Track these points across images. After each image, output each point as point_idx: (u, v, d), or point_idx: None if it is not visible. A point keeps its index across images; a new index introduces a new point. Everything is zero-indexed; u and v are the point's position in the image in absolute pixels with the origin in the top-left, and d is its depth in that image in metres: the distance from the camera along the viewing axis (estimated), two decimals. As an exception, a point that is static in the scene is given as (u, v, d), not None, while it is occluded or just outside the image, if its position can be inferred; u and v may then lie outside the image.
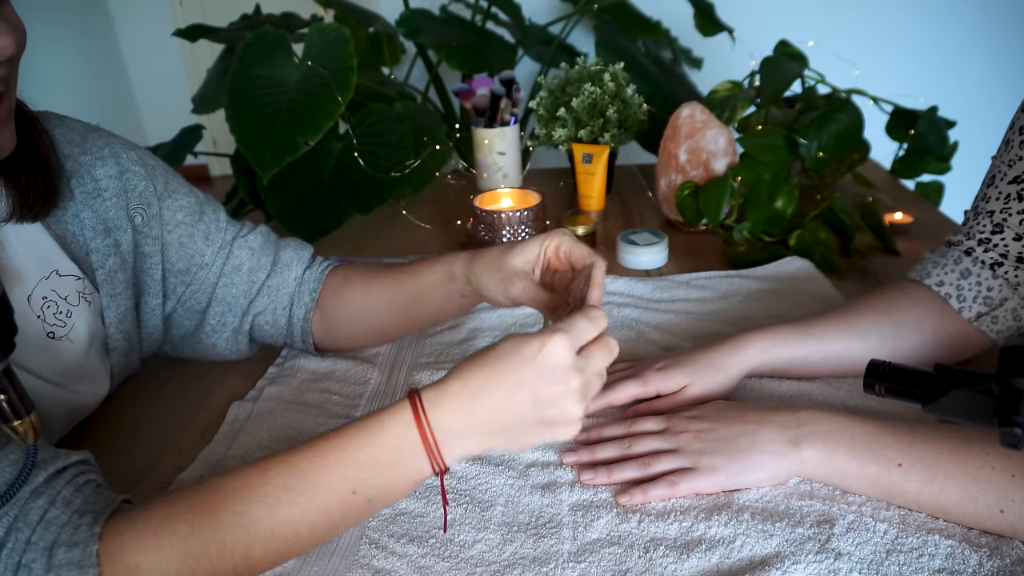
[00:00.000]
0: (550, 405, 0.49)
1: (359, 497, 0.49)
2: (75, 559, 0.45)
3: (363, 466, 0.49)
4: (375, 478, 0.49)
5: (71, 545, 0.45)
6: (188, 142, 1.50)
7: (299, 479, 0.48)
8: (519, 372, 0.48)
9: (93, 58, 3.89)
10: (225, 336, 0.77)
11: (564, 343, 0.49)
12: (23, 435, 0.46)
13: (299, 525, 0.48)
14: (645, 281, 0.97)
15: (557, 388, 0.49)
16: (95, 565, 0.45)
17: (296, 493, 0.48)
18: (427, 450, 0.48)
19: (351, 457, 0.49)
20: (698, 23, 1.72)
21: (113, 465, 0.68)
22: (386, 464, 0.49)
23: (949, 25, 2.06)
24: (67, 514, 0.47)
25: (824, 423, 0.60)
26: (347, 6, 1.60)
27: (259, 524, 0.47)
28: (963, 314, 0.69)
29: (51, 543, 0.46)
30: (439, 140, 1.26)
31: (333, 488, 0.49)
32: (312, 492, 0.48)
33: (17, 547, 0.45)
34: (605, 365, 0.52)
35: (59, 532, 0.46)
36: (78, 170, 0.66)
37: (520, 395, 0.48)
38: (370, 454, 0.49)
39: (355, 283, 0.78)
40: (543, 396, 0.48)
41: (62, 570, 0.45)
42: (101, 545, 0.46)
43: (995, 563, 0.51)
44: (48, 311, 0.64)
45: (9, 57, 0.51)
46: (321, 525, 0.49)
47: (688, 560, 0.54)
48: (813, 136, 1.10)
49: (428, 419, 0.48)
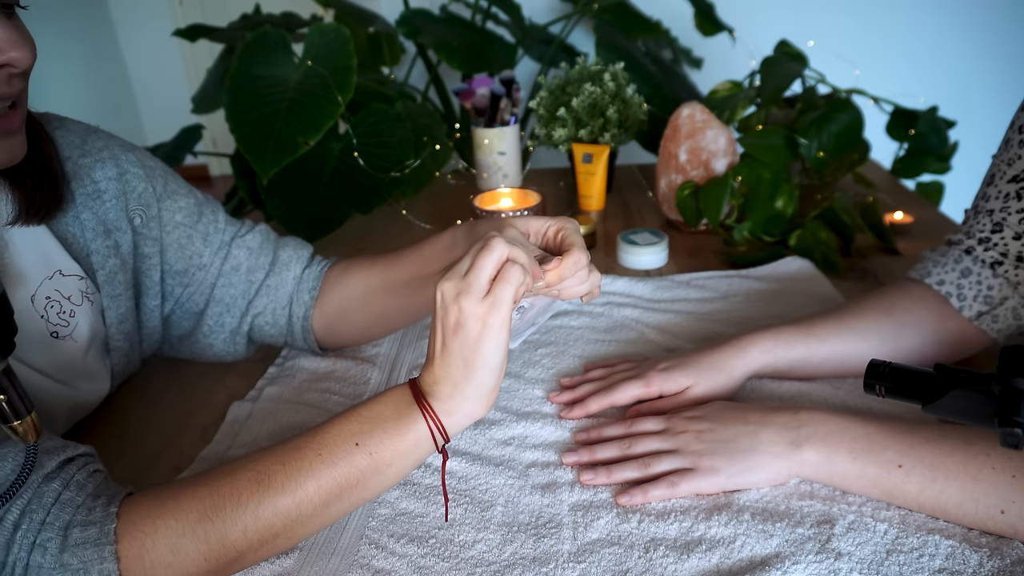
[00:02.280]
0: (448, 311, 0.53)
1: (361, 452, 0.53)
2: (91, 537, 0.47)
3: (366, 420, 0.54)
4: (376, 430, 0.53)
5: (86, 525, 0.47)
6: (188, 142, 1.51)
7: (309, 438, 0.53)
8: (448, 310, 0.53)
9: (93, 58, 3.89)
10: (223, 337, 0.77)
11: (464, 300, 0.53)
12: (23, 435, 0.46)
13: (308, 478, 0.51)
14: (645, 281, 0.97)
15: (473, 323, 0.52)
16: (112, 543, 0.47)
17: (306, 448, 0.53)
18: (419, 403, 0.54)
19: (356, 413, 0.54)
20: (698, 23, 1.72)
21: (114, 464, 0.67)
22: (387, 418, 0.54)
23: (949, 25, 2.06)
24: (81, 496, 0.49)
25: (824, 424, 0.60)
26: (347, 6, 1.60)
27: (272, 479, 0.51)
28: (963, 313, 0.69)
29: (66, 523, 0.47)
30: (439, 140, 1.26)
31: (339, 441, 0.53)
32: (321, 445, 0.53)
33: (32, 527, 0.46)
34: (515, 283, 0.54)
35: (74, 513, 0.48)
36: (78, 172, 0.66)
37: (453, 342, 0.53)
38: (371, 408, 0.54)
39: (356, 268, 0.78)
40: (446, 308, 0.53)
41: (77, 549, 0.46)
42: (118, 523, 0.48)
43: (995, 563, 0.51)
44: (51, 311, 0.64)
45: (24, 69, 0.52)
46: (329, 482, 0.52)
47: (688, 560, 0.54)
48: (813, 136, 1.10)
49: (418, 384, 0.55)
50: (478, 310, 0.51)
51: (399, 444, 0.53)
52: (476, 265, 0.52)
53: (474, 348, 0.52)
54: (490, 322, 0.52)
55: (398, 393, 0.55)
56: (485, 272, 0.52)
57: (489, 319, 0.52)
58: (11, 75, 0.51)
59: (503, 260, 0.53)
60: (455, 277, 0.52)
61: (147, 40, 4.03)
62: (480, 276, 0.52)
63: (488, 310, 0.52)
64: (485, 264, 0.52)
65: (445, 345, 0.53)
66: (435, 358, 0.54)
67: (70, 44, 3.64)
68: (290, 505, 0.51)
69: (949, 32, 2.06)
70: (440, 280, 0.53)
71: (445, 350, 0.53)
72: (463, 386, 0.53)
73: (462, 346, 0.52)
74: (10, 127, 0.53)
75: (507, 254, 0.53)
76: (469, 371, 0.53)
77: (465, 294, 0.52)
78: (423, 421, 0.53)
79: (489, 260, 0.52)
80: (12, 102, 0.53)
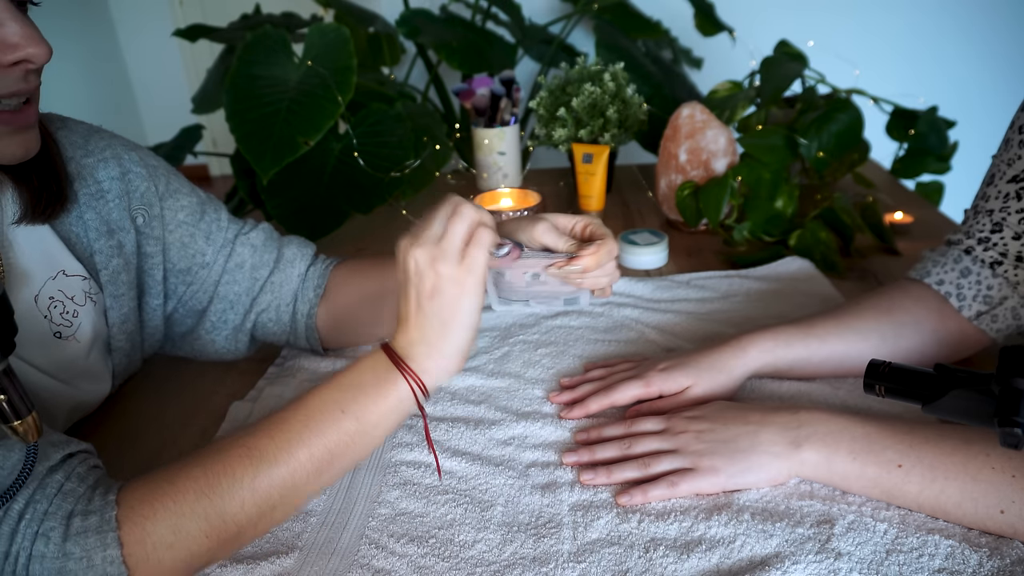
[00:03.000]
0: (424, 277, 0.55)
1: (348, 418, 0.55)
2: (92, 525, 0.47)
3: (346, 388, 0.56)
4: (359, 396, 0.55)
5: (87, 514, 0.48)
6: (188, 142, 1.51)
7: (295, 411, 0.55)
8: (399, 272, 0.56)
9: (93, 58, 3.89)
10: (225, 334, 0.77)
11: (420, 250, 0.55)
12: (24, 435, 0.46)
13: (299, 448, 0.53)
14: (645, 281, 0.97)
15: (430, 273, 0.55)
16: (114, 529, 0.48)
17: (293, 420, 0.55)
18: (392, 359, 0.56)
19: (337, 383, 0.56)
20: (698, 23, 1.72)
21: (114, 464, 0.67)
22: (366, 382, 0.56)
23: (949, 25, 2.06)
24: (82, 488, 0.49)
25: (824, 424, 0.60)
26: (347, 6, 1.60)
27: (263, 452, 0.53)
28: (963, 313, 0.69)
29: (68, 513, 0.48)
30: (439, 140, 1.26)
31: (324, 410, 0.55)
32: (307, 416, 0.55)
33: (35, 517, 0.47)
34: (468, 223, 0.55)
35: (76, 503, 0.48)
36: (81, 172, 0.66)
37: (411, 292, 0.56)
38: (350, 376, 0.56)
39: (364, 268, 0.79)
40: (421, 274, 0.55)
41: (79, 538, 0.47)
42: (119, 510, 0.49)
43: (995, 563, 0.51)
44: (55, 311, 0.64)
45: (41, 64, 0.53)
46: (319, 449, 0.54)
47: (688, 560, 0.54)
48: (813, 136, 1.10)
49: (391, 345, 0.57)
50: (456, 274, 0.54)
51: (382, 406, 0.56)
52: (450, 231, 0.55)
53: (452, 310, 0.55)
54: (467, 285, 0.55)
55: (374, 358, 0.57)
56: (459, 237, 0.55)
57: (467, 282, 0.55)
58: (28, 71, 0.52)
59: (475, 224, 0.55)
60: (428, 243, 0.55)
61: (147, 40, 4.03)
62: (455, 241, 0.55)
63: (465, 274, 0.55)
64: (458, 230, 0.55)
65: (421, 308, 0.55)
66: (409, 321, 0.56)
67: (70, 44, 3.64)
68: (284, 475, 0.53)
69: (949, 32, 2.06)
70: (411, 247, 0.55)
71: (421, 313, 0.55)
72: (440, 345, 0.56)
73: (440, 309, 0.55)
74: (27, 121, 0.55)
75: (477, 218, 0.55)
76: (446, 331, 0.56)
77: (441, 260, 0.54)
78: (404, 383, 0.56)
79: (462, 225, 0.55)
80: (27, 97, 0.54)
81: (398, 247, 0.56)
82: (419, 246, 0.55)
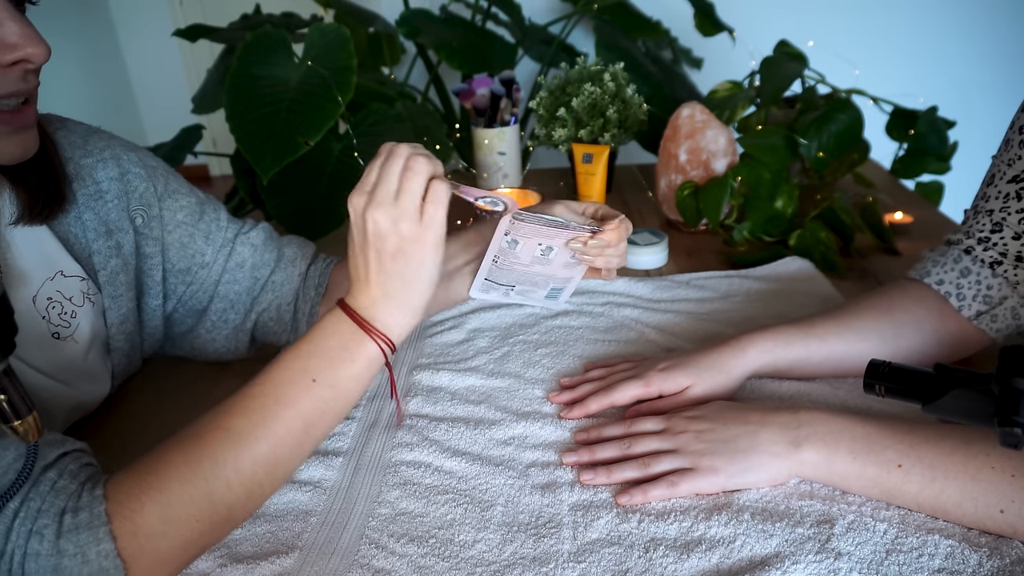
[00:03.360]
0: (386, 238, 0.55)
1: (320, 386, 0.55)
2: (83, 522, 0.47)
3: (312, 355, 0.56)
4: (326, 361, 0.56)
5: (77, 510, 0.48)
6: (188, 142, 1.50)
7: (264, 385, 0.55)
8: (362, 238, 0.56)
9: (93, 58, 3.89)
10: (225, 334, 0.77)
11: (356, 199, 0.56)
12: (23, 435, 0.46)
13: (275, 423, 0.54)
14: (645, 281, 0.97)
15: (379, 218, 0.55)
16: (105, 523, 0.48)
17: (265, 397, 0.54)
18: (356, 321, 0.56)
19: (303, 351, 0.56)
20: (698, 23, 1.72)
21: (113, 464, 0.67)
22: (332, 347, 0.56)
23: (949, 25, 2.06)
24: (74, 484, 0.50)
25: (824, 424, 0.60)
26: (347, 6, 1.60)
27: (240, 432, 0.53)
28: (963, 313, 0.69)
29: (61, 510, 0.48)
30: (439, 140, 1.25)
31: (294, 380, 0.55)
32: (277, 391, 0.55)
33: (29, 515, 0.47)
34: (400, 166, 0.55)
35: (67, 500, 0.48)
36: (79, 172, 0.66)
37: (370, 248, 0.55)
38: (315, 343, 0.56)
39: None
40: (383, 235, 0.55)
41: (71, 534, 0.47)
42: (108, 503, 0.49)
43: (995, 563, 0.51)
44: (53, 311, 0.64)
45: (40, 64, 0.53)
46: (295, 424, 0.54)
47: (688, 560, 0.54)
48: (813, 136, 1.10)
49: (347, 301, 0.58)
50: (417, 231, 0.55)
51: (353, 369, 0.56)
52: (406, 188, 0.55)
53: (416, 268, 0.56)
54: (428, 242, 0.55)
55: (335, 321, 0.57)
56: (417, 195, 0.55)
57: (427, 239, 0.55)
58: (27, 71, 0.52)
59: (429, 178, 0.55)
60: (386, 203, 0.55)
61: (147, 40, 4.03)
62: (414, 200, 0.55)
63: (425, 231, 0.55)
64: (415, 187, 0.55)
65: (383, 268, 0.56)
66: (370, 279, 0.56)
67: (70, 44, 3.64)
68: (266, 452, 0.53)
69: (949, 32, 2.06)
70: (368, 207, 0.55)
71: (383, 272, 0.56)
72: (402, 301, 0.57)
73: (404, 268, 0.56)
74: (26, 122, 0.55)
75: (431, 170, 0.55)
76: (408, 288, 0.56)
77: (402, 220, 0.54)
78: (371, 343, 0.56)
79: (418, 181, 0.55)
80: (26, 97, 0.54)
81: (350, 204, 0.56)
82: (376, 207, 0.55)
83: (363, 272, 0.57)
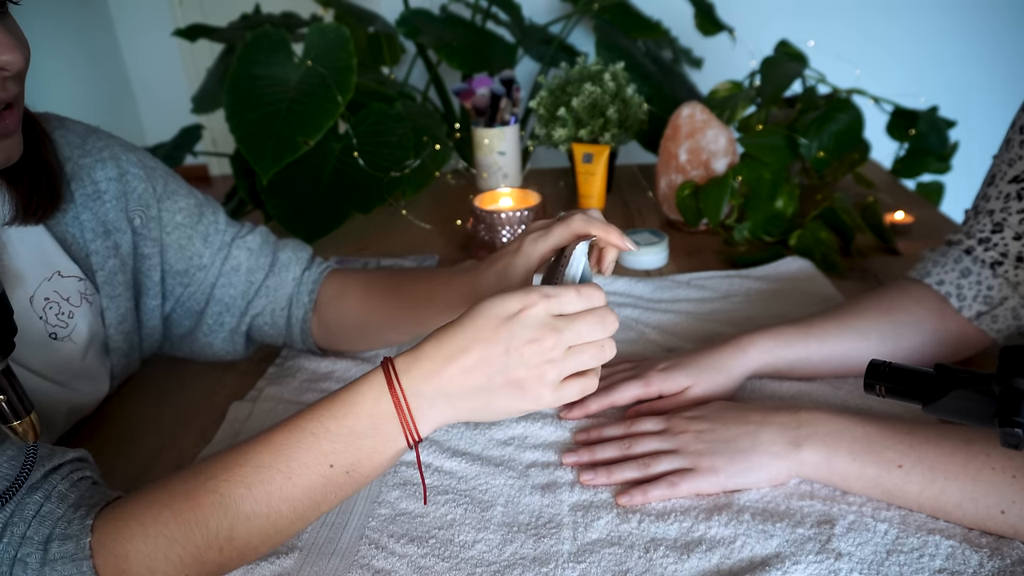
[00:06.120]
0: (522, 365, 0.47)
1: (337, 471, 0.48)
2: (69, 552, 0.46)
3: (338, 438, 0.48)
4: (351, 450, 0.48)
5: (64, 539, 0.46)
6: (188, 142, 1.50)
7: (275, 455, 0.48)
8: (495, 332, 0.47)
9: (93, 58, 3.89)
10: (222, 336, 0.77)
11: (543, 306, 0.47)
12: (23, 435, 0.46)
13: (280, 502, 0.48)
14: (645, 281, 0.97)
15: (531, 347, 0.47)
16: (88, 557, 0.46)
17: (273, 470, 0.48)
18: (400, 417, 0.48)
19: (325, 429, 0.48)
20: (698, 23, 1.72)
21: (113, 465, 0.68)
22: (361, 435, 0.48)
23: (950, 25, 2.06)
24: (62, 508, 0.47)
25: (824, 424, 0.60)
26: (347, 6, 1.60)
27: (239, 505, 0.47)
28: (963, 313, 0.69)
29: (46, 537, 0.46)
30: (439, 140, 1.25)
31: (309, 463, 0.48)
32: (289, 468, 0.48)
33: (13, 542, 0.46)
34: (593, 337, 0.48)
35: (54, 526, 0.46)
36: (78, 172, 0.66)
37: (493, 353, 0.47)
38: (343, 424, 0.48)
39: (351, 297, 0.77)
40: (515, 354, 0.47)
41: (57, 563, 0.45)
42: (93, 537, 0.46)
43: (995, 563, 0.51)
44: (50, 312, 0.64)
45: (18, 71, 0.51)
46: (303, 502, 0.49)
47: (688, 560, 0.54)
48: (813, 136, 1.10)
49: (401, 384, 0.48)
50: (543, 394, 0.48)
51: (377, 459, 0.49)
52: (581, 359, 0.48)
53: (504, 405, 0.48)
54: (534, 403, 0.48)
55: (372, 396, 0.48)
56: (582, 367, 0.48)
57: (539, 400, 0.48)
58: (3, 78, 0.51)
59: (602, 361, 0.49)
60: (560, 346, 0.47)
61: (147, 40, 4.03)
62: (573, 369, 0.48)
63: (547, 396, 0.48)
64: (588, 361, 0.48)
65: (473, 382, 0.47)
66: (447, 375, 0.47)
67: (69, 44, 3.64)
68: (263, 526, 0.48)
69: (949, 32, 2.06)
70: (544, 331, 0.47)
71: (471, 385, 0.47)
72: (458, 412, 0.49)
73: (503, 398, 0.48)
74: (6, 130, 0.53)
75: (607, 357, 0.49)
76: (481, 410, 0.49)
77: (551, 372, 0.47)
78: (400, 432, 0.48)
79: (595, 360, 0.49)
80: (7, 104, 0.52)
81: (525, 296, 0.47)
82: (551, 337, 0.47)
83: (445, 358, 0.47)
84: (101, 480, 0.53)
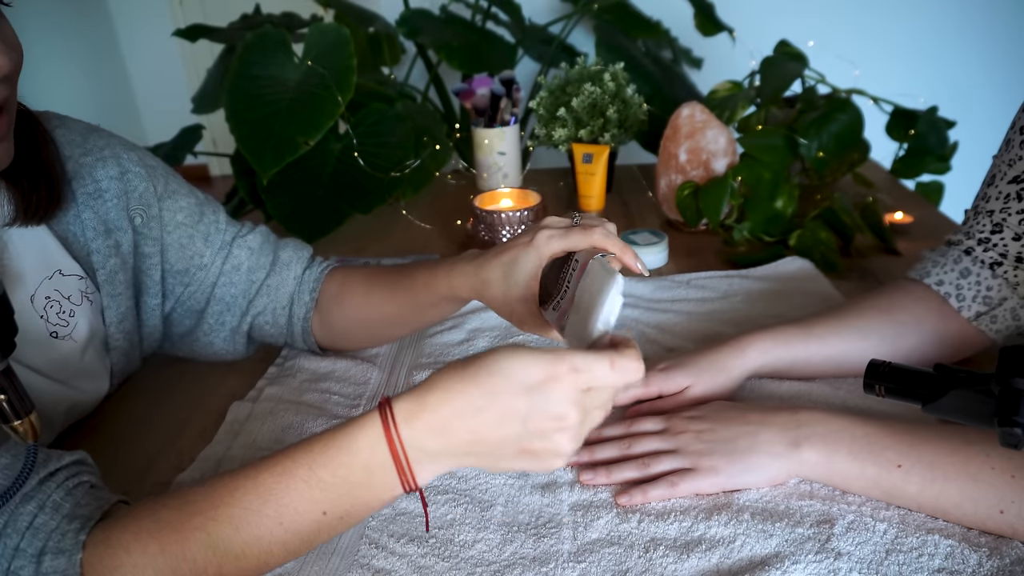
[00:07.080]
0: (541, 438, 0.44)
1: (330, 517, 0.47)
2: (60, 567, 0.45)
3: (331, 487, 0.45)
4: (344, 499, 0.46)
5: (57, 553, 0.45)
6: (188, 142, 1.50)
7: (265, 500, 0.46)
8: (514, 400, 0.43)
9: (93, 58, 3.89)
10: (223, 336, 0.77)
11: (572, 382, 0.44)
12: (23, 435, 0.46)
13: (270, 545, 0.46)
14: (645, 281, 0.97)
15: (552, 424, 0.44)
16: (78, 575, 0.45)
17: (263, 515, 0.45)
18: (398, 470, 0.45)
19: (318, 479, 0.45)
20: (698, 23, 1.72)
21: (113, 465, 0.68)
22: (355, 483, 0.46)
23: (949, 25, 2.06)
24: (56, 520, 0.47)
25: (824, 424, 0.60)
26: (347, 6, 1.60)
27: (228, 545, 0.46)
28: (962, 313, 0.69)
29: (39, 550, 0.45)
30: (439, 140, 1.26)
31: (301, 510, 0.46)
32: (280, 514, 0.46)
33: (6, 553, 0.45)
34: (611, 400, 0.47)
35: (47, 539, 0.46)
36: (79, 171, 0.66)
37: (510, 423, 0.44)
38: (337, 474, 0.45)
39: (352, 293, 0.77)
40: (535, 428, 0.44)
41: None
42: (84, 554, 0.45)
43: (995, 563, 0.51)
44: (51, 311, 0.64)
45: (6, 75, 0.51)
46: (294, 544, 0.47)
47: (688, 560, 0.54)
48: (813, 136, 1.10)
49: (400, 436, 0.44)
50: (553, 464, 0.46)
51: (374, 504, 0.47)
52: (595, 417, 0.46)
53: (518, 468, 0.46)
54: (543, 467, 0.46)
55: (369, 445, 0.45)
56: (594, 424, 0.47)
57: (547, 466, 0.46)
58: None
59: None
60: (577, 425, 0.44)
61: (147, 40, 4.03)
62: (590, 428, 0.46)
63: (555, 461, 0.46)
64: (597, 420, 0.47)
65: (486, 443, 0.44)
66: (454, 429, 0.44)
67: (69, 43, 3.64)
68: (255, 564, 0.47)
69: (949, 32, 2.06)
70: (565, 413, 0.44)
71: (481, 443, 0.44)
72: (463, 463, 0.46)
73: (513, 462, 0.45)
74: None
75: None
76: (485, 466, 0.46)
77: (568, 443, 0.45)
78: (398, 481, 0.46)
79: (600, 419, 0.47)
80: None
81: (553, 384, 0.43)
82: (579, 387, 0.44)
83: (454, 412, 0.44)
84: (100, 481, 0.53)
